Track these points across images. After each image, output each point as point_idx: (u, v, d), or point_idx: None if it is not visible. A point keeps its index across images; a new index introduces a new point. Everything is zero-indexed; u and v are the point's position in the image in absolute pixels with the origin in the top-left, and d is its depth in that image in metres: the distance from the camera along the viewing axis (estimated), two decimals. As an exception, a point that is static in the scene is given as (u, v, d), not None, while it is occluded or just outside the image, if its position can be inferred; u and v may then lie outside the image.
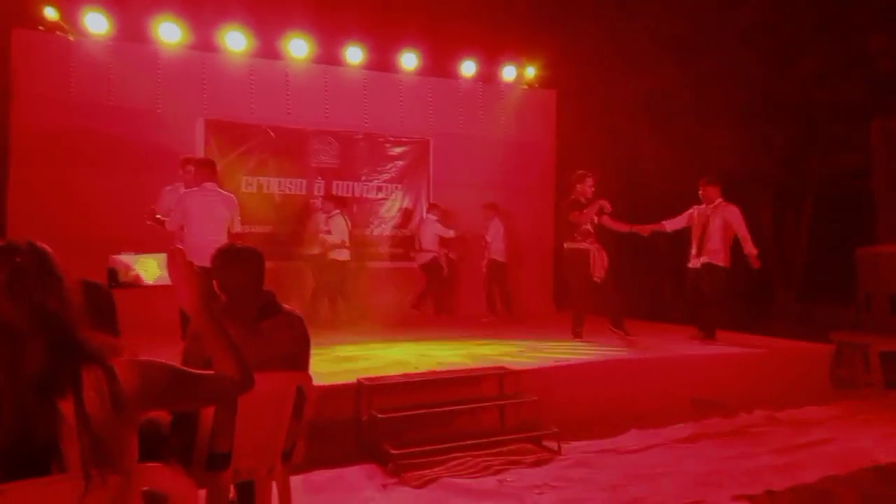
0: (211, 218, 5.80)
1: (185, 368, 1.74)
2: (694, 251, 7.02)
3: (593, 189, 7.05)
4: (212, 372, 1.76)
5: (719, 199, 6.98)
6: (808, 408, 6.00)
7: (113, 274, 1.79)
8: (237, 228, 6.03)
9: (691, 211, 7.17)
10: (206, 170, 5.98)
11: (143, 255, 1.83)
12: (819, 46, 9.97)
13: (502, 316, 9.19)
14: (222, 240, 5.49)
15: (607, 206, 6.93)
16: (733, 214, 6.87)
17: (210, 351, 1.79)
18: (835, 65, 10.01)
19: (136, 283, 1.82)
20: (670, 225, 7.24)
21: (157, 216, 6.28)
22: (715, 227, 6.89)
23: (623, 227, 7.18)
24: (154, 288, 1.87)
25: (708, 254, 6.89)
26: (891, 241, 8.19)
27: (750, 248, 6.71)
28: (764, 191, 10.79)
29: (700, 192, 7.07)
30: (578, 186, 7.07)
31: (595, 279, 6.89)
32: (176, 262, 1.77)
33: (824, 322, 8.48)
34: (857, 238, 8.93)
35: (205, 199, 5.84)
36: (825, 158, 10.37)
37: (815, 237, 10.88)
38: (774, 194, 10.88)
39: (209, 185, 5.91)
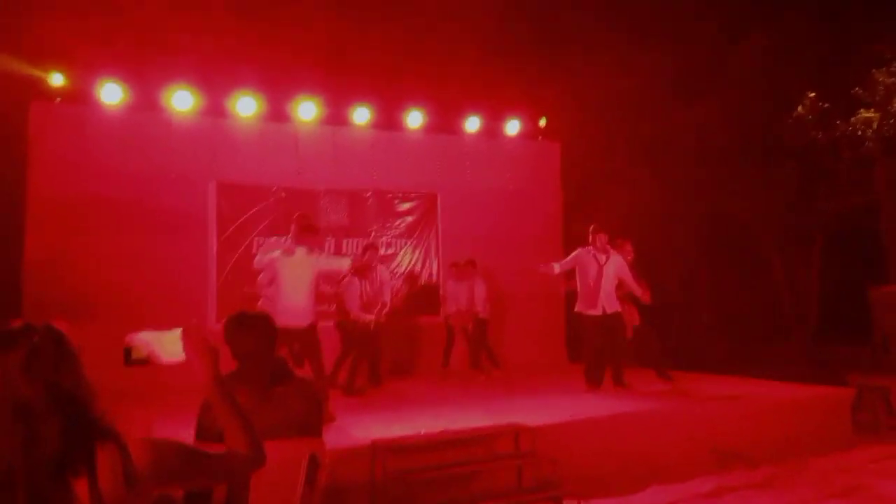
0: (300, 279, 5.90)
1: (197, 448, 1.74)
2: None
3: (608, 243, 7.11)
4: (223, 450, 1.76)
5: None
6: (831, 455, 5.88)
7: (127, 352, 1.80)
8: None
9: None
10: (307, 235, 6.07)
11: (162, 333, 1.82)
12: (823, 86, 10.09)
13: (494, 371, 9.01)
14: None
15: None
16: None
17: (222, 426, 1.79)
18: (838, 104, 10.10)
19: (148, 361, 1.81)
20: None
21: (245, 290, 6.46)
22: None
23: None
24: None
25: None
26: (903, 281, 8.14)
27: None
28: (772, 233, 10.78)
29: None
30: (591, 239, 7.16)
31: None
32: (191, 337, 1.77)
33: (841, 363, 8.37)
34: (869, 277, 8.87)
35: (293, 263, 5.92)
36: (832, 199, 10.38)
37: (827, 278, 10.81)
38: (783, 236, 10.87)
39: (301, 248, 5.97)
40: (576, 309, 7.25)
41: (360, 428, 5.38)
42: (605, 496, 4.87)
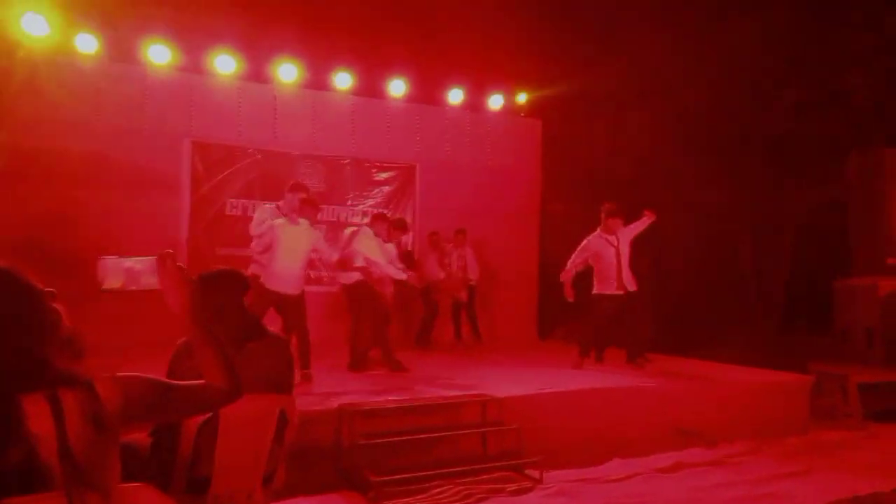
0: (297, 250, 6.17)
1: (169, 381, 1.73)
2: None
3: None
4: (197, 382, 1.75)
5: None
6: (788, 438, 6.04)
7: (103, 276, 1.76)
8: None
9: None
10: (310, 209, 6.37)
11: (133, 258, 1.78)
12: (797, 81, 10.20)
13: (474, 342, 9.08)
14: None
15: None
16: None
17: (198, 359, 1.77)
18: (812, 99, 10.23)
19: (124, 287, 1.77)
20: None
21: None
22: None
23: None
24: (143, 293, 1.81)
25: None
26: (867, 274, 8.31)
27: None
28: (744, 223, 10.94)
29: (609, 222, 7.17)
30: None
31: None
32: (166, 266, 1.75)
33: (804, 353, 8.56)
34: (835, 270, 9.05)
35: (295, 233, 6.19)
36: (804, 191, 10.55)
37: (796, 269, 11.01)
38: (754, 226, 11.02)
39: (304, 220, 6.26)
40: (594, 291, 7.17)
41: (330, 392, 5.40)
42: (567, 467, 4.95)
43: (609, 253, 7.09)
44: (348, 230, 7.25)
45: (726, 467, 5.21)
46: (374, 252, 6.80)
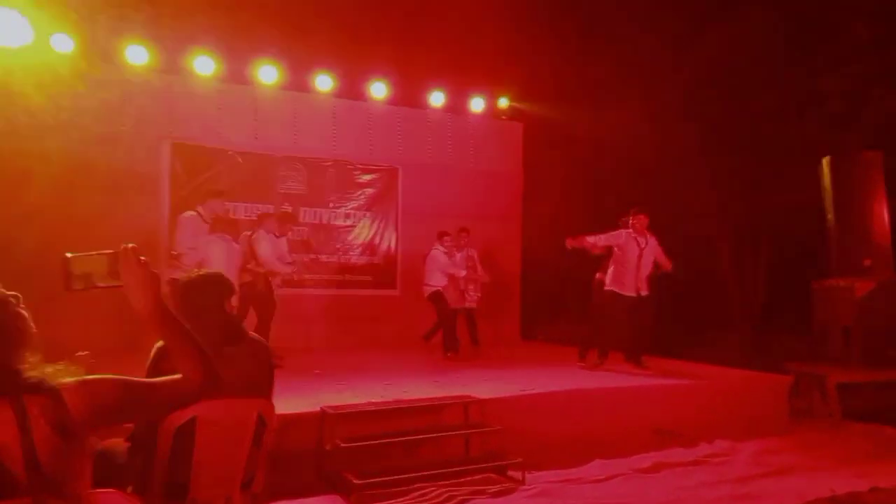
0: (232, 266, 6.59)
1: (138, 379, 1.68)
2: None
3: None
4: (171, 377, 1.70)
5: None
6: (767, 438, 6.08)
7: (66, 276, 1.66)
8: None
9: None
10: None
11: (99, 255, 1.70)
12: (773, 85, 10.33)
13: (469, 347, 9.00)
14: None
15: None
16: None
17: (170, 352, 1.72)
18: (788, 103, 10.36)
19: (88, 286, 1.68)
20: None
21: (173, 252, 6.78)
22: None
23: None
24: (106, 290, 1.72)
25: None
26: (844, 276, 8.41)
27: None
28: (722, 224, 11.04)
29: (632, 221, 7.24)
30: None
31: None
32: (129, 262, 1.69)
33: (782, 353, 8.66)
34: (813, 271, 9.16)
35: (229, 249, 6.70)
36: (781, 194, 10.67)
37: (774, 270, 11.12)
38: (733, 227, 11.13)
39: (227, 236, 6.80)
40: (607, 287, 7.22)
41: (312, 394, 5.37)
42: (549, 468, 4.95)
43: (633, 251, 7.14)
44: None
45: (707, 467, 5.25)
46: (265, 251, 7.24)
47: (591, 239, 7.21)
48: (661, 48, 10.68)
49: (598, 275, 7.58)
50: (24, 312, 1.60)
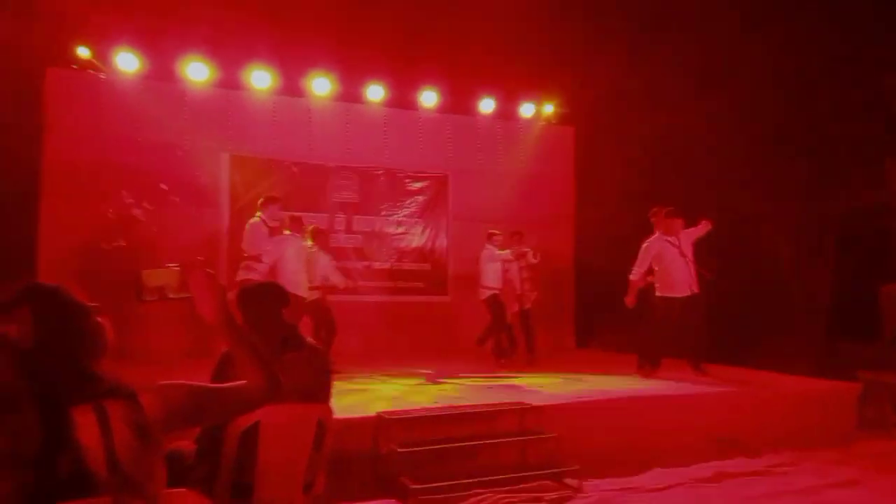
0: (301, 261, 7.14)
1: (208, 385, 1.78)
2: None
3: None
4: (237, 383, 1.78)
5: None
6: (833, 448, 5.87)
7: (139, 289, 1.78)
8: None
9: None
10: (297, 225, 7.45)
11: (167, 270, 1.81)
12: (836, 84, 10.02)
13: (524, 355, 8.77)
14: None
15: None
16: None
17: (236, 359, 1.80)
18: (851, 103, 10.02)
19: (160, 297, 1.79)
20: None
21: (246, 255, 7.06)
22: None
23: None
24: (178, 302, 1.84)
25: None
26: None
27: None
28: (786, 227, 10.73)
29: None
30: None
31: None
32: (196, 274, 1.78)
33: (850, 360, 8.35)
34: (880, 275, 8.83)
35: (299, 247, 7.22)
36: (845, 196, 10.34)
37: (840, 274, 10.76)
38: (796, 231, 10.81)
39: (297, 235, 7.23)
40: (658, 294, 7.07)
41: (369, 400, 5.44)
42: (606, 476, 4.89)
43: (672, 253, 7.01)
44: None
45: (771, 477, 5.09)
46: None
47: (636, 277, 7.09)
48: (718, 48, 10.47)
49: (649, 278, 7.44)
50: (103, 321, 1.69)
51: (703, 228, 7.17)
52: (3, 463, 1.37)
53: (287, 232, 7.26)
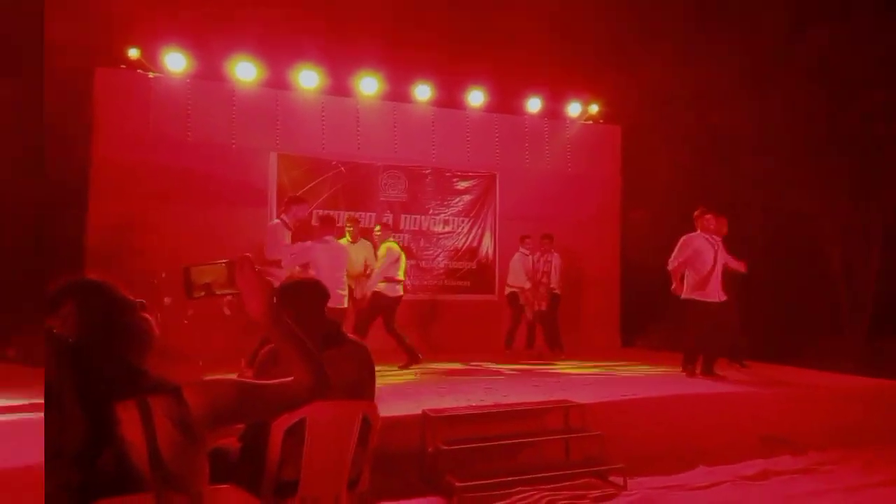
0: (338, 268, 6.83)
1: (254, 381, 1.77)
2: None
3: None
4: (283, 380, 1.76)
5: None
6: (879, 447, 5.73)
7: (188, 285, 1.77)
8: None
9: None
10: (328, 226, 7.05)
11: (215, 266, 1.80)
12: (883, 80, 9.72)
13: (551, 355, 8.84)
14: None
15: None
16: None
17: (283, 358, 1.79)
18: None
19: (208, 294, 1.78)
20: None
21: (267, 258, 6.75)
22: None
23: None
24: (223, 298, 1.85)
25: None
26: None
27: None
28: (832, 226, 10.47)
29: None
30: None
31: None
32: (244, 270, 1.76)
33: (894, 359, 8.11)
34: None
35: (331, 251, 6.85)
36: (890, 195, 10.04)
37: (885, 273, 10.45)
38: (842, 230, 10.52)
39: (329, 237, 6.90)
40: (687, 295, 6.93)
41: (414, 397, 5.52)
42: (651, 474, 4.86)
43: (709, 254, 6.90)
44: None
45: (817, 475, 5.00)
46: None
47: (674, 267, 6.98)
48: (765, 47, 10.25)
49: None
50: (149, 317, 1.72)
51: (738, 265, 7.07)
52: (48, 458, 1.39)
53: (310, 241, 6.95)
